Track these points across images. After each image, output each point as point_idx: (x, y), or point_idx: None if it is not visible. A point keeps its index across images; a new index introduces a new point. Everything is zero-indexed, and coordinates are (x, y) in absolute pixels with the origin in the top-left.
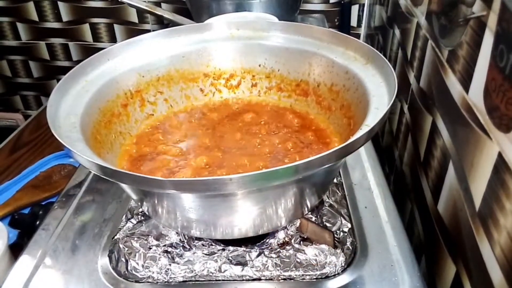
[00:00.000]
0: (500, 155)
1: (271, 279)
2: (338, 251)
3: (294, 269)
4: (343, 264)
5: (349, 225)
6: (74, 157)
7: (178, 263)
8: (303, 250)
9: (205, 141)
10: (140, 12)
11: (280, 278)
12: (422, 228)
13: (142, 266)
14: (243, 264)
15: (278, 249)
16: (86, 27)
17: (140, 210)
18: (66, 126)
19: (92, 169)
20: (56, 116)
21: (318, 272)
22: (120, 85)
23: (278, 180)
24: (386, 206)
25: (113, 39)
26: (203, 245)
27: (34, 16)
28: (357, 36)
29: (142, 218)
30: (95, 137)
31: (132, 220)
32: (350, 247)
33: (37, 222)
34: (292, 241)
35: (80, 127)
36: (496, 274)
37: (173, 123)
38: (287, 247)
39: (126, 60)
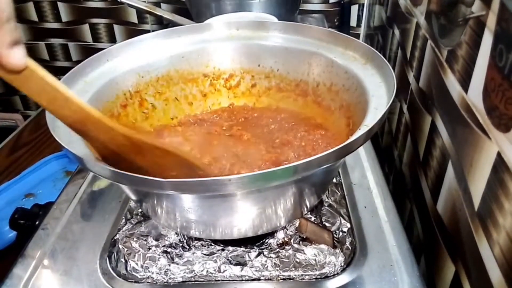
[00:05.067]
0: (499, 155)
1: (271, 279)
2: (338, 251)
3: (293, 269)
4: (342, 264)
5: (349, 225)
6: (72, 158)
7: (177, 264)
8: (303, 250)
9: (205, 142)
10: (140, 13)
11: (279, 278)
12: (422, 228)
13: (142, 266)
14: (243, 264)
15: (278, 249)
16: (86, 28)
17: (139, 210)
18: (65, 126)
19: (91, 169)
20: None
21: (317, 272)
22: (120, 85)
23: (277, 181)
24: (385, 206)
25: (112, 40)
26: (202, 245)
27: (34, 17)
28: (357, 36)
29: (141, 218)
30: None
31: (132, 220)
32: (350, 247)
33: (37, 222)
34: (292, 241)
35: None
36: (495, 273)
37: (172, 123)
38: (287, 247)
39: (126, 61)
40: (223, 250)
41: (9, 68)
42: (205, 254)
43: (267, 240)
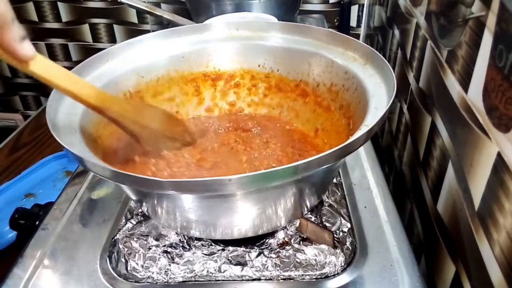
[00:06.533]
0: (499, 155)
1: (271, 279)
2: (338, 251)
3: (293, 269)
4: (342, 264)
5: (349, 225)
6: (72, 157)
7: (177, 263)
8: (303, 250)
9: (204, 142)
10: (140, 13)
11: (279, 278)
12: (422, 228)
13: (142, 266)
14: (243, 264)
15: (278, 249)
16: (86, 28)
17: (140, 210)
18: (65, 126)
19: (91, 169)
20: (56, 116)
21: (317, 272)
22: (120, 86)
23: (277, 181)
24: (385, 206)
25: (112, 40)
26: (202, 245)
27: (34, 17)
28: (357, 36)
29: (142, 218)
30: (94, 137)
31: (132, 220)
32: (350, 247)
33: (37, 222)
34: (292, 241)
35: (79, 127)
36: (495, 273)
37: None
38: (287, 247)
39: (126, 61)
40: (223, 250)
41: (23, 59)
42: (205, 254)
43: (267, 240)
